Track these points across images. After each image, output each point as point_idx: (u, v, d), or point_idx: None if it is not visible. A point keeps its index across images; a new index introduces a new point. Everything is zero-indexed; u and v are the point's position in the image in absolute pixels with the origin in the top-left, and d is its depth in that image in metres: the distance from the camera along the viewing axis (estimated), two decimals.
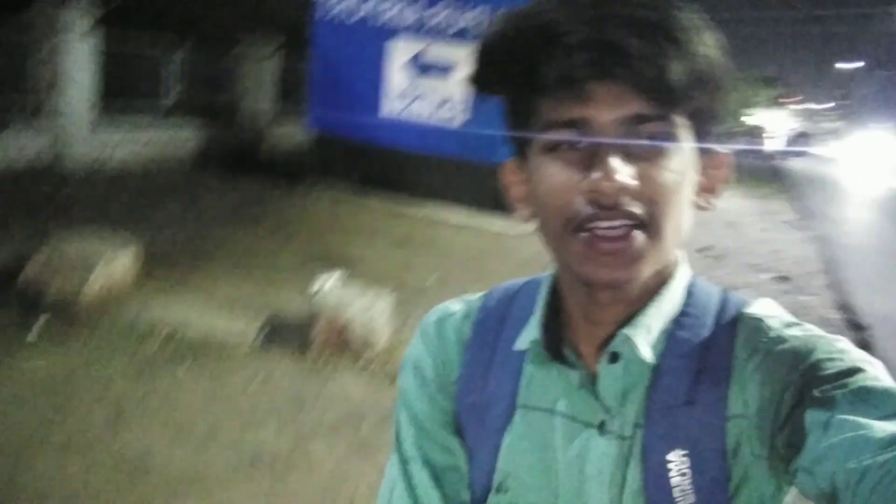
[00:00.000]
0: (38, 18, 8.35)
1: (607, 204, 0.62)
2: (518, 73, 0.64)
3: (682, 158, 0.65)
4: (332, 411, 3.71)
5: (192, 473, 3.08)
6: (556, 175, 0.65)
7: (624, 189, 0.62)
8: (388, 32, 9.20)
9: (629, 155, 0.63)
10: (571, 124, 0.63)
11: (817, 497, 0.57)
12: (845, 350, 0.64)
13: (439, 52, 9.00)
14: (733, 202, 14.76)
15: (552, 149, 0.65)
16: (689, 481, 0.66)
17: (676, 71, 0.61)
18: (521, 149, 0.70)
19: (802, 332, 0.67)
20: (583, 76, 0.61)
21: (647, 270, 0.65)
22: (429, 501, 0.78)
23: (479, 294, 0.85)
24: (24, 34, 8.28)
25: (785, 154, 29.96)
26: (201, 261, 5.89)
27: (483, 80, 0.68)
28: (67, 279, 4.53)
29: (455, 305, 0.84)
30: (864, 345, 6.19)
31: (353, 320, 4.21)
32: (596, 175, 0.61)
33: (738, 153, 32.38)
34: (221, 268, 5.79)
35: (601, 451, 0.70)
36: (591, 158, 0.62)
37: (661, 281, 0.70)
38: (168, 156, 10.11)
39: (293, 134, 12.40)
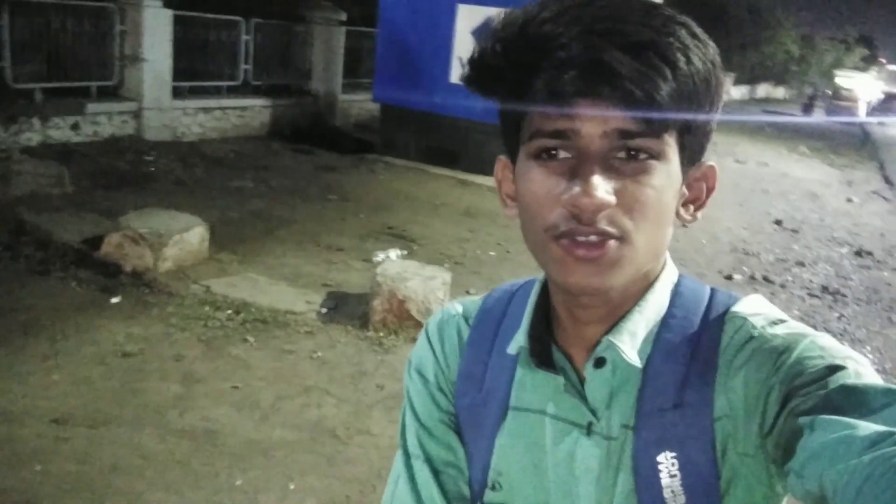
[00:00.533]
0: None
1: (584, 220, 0.63)
2: (509, 82, 0.65)
3: (665, 174, 0.65)
4: (391, 384, 3.79)
5: (256, 443, 3.21)
6: (539, 183, 0.65)
7: (603, 206, 0.62)
8: None
9: (611, 169, 0.63)
10: (558, 135, 0.64)
11: (805, 498, 0.57)
12: (826, 347, 0.64)
13: None
14: (817, 171, 14.09)
15: (537, 156, 0.66)
16: (678, 482, 0.67)
17: (666, 91, 0.60)
18: (511, 149, 0.71)
19: (786, 330, 0.67)
20: (570, 92, 0.61)
21: (621, 279, 0.66)
22: (429, 496, 0.80)
23: (479, 296, 0.87)
24: (108, 5, 8.55)
25: (875, 118, 28.27)
26: (269, 234, 6.06)
27: (477, 84, 0.68)
28: (143, 253, 4.74)
29: (457, 307, 0.86)
30: None
31: (411, 294, 4.26)
32: (576, 190, 0.62)
33: (829, 116, 30.83)
34: (288, 241, 5.94)
35: (588, 452, 0.72)
36: (574, 171, 0.63)
37: (644, 284, 0.71)
38: (242, 128, 10.37)
39: (361, 104, 12.50)
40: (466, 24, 9.09)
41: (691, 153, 0.68)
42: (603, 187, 0.62)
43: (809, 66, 42.24)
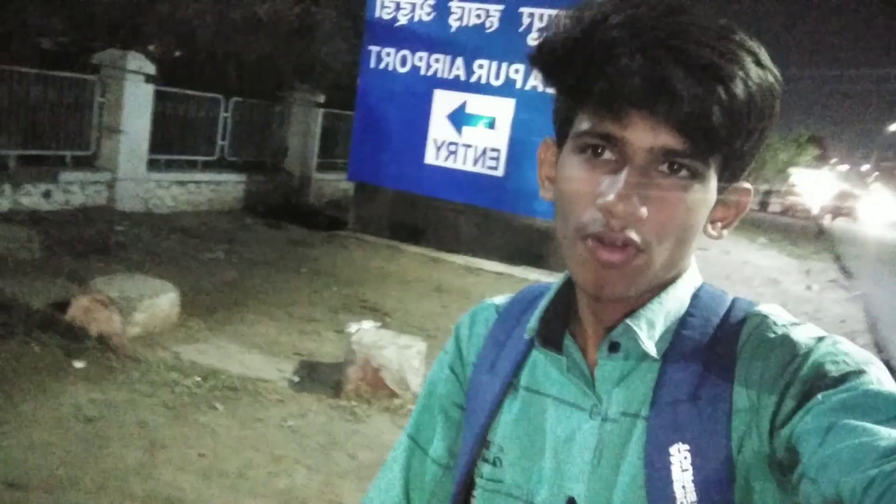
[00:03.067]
0: (106, 62, 8.74)
1: (614, 227, 0.64)
2: (571, 78, 0.66)
3: (701, 193, 0.66)
4: (364, 454, 3.69)
5: None
6: (579, 179, 0.67)
7: (634, 217, 0.63)
8: (434, 83, 9.43)
9: (651, 181, 0.64)
10: (606, 138, 0.65)
11: None
12: (848, 352, 0.63)
13: (481, 103, 9.17)
14: (776, 259, 14.51)
15: (583, 150, 0.67)
16: (690, 478, 0.65)
17: (719, 115, 0.61)
18: (560, 136, 0.72)
19: (805, 330, 0.68)
20: (627, 101, 0.62)
21: (638, 288, 0.68)
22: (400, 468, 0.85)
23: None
24: (90, 78, 8.65)
25: (829, 213, 29.44)
26: (241, 304, 5.99)
27: (541, 70, 0.69)
28: (110, 318, 4.65)
29: (495, 299, 0.89)
30: None
31: (386, 363, 4.22)
32: (612, 197, 0.63)
33: (783, 212, 31.95)
34: (260, 311, 5.88)
35: (587, 434, 0.72)
36: (615, 176, 0.64)
37: (666, 283, 0.72)
38: (216, 202, 10.40)
39: (335, 183, 12.67)
40: (443, 108, 9.40)
41: (731, 175, 0.69)
42: (638, 199, 0.63)
43: (765, 163, 44.09)
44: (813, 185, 38.31)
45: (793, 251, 16.37)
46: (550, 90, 0.71)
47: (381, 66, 9.85)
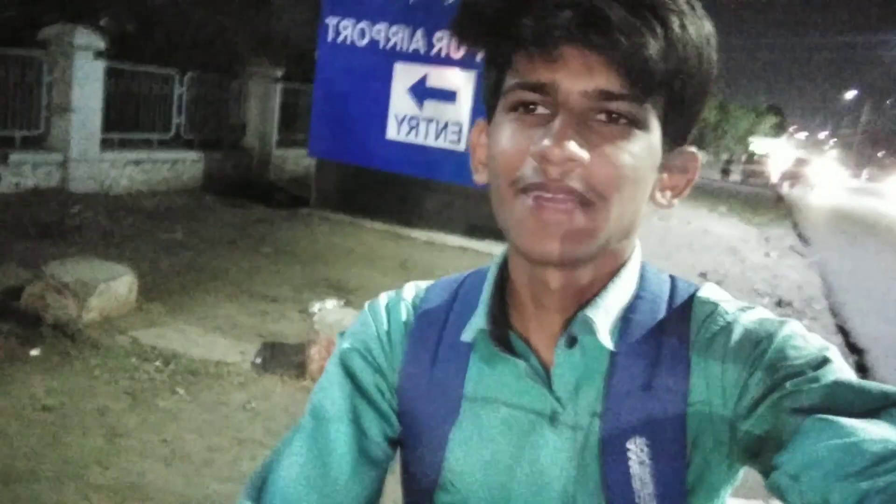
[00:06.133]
0: (53, 38, 8.43)
1: (553, 175, 0.59)
2: (495, 24, 0.61)
3: (644, 146, 0.61)
4: None
5: (187, 498, 3.05)
6: (511, 135, 0.62)
7: (572, 161, 0.59)
8: (394, 56, 9.31)
9: (589, 129, 0.60)
10: (539, 88, 0.61)
11: (796, 501, 0.54)
12: (806, 337, 0.63)
13: (442, 76, 9.09)
14: (736, 228, 14.77)
15: (514, 108, 0.63)
16: (648, 470, 0.64)
17: (656, 50, 0.58)
18: (490, 110, 0.67)
19: (758, 315, 0.66)
20: (557, 36, 0.58)
21: (588, 249, 0.62)
22: (339, 459, 0.70)
23: (429, 281, 0.82)
24: (38, 54, 8.35)
25: (787, 181, 30.02)
26: (201, 285, 5.90)
27: (463, 29, 0.65)
28: (65, 303, 4.54)
29: (403, 292, 0.80)
30: (862, 367, 6.18)
31: None
32: (546, 142, 0.58)
33: (744, 179, 32.45)
34: (221, 292, 5.80)
35: (555, 444, 0.67)
36: (548, 124, 0.60)
37: (613, 267, 0.68)
38: (173, 182, 10.19)
39: (296, 159, 12.49)
40: (403, 82, 9.29)
41: (675, 132, 0.64)
42: (576, 142, 0.59)
43: (725, 132, 44.73)
44: (772, 152, 38.99)
45: (752, 220, 16.68)
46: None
47: (340, 38, 9.67)
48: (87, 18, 9.18)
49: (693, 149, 0.69)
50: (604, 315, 0.66)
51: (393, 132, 9.38)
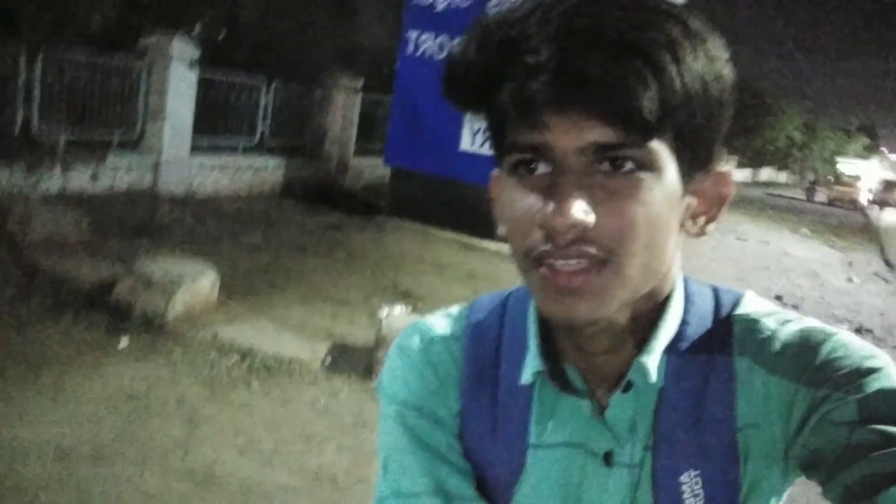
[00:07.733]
0: (151, 47, 8.98)
1: (561, 242, 0.56)
2: (477, 94, 0.59)
3: (657, 188, 0.57)
4: None
5: (256, 487, 3.23)
6: (517, 201, 0.59)
7: (579, 227, 0.55)
8: None
9: (594, 184, 0.56)
10: (533, 149, 0.57)
11: None
12: (849, 344, 0.61)
13: None
14: (818, 251, 14.25)
15: (515, 170, 0.60)
16: (702, 501, 0.64)
17: (648, 96, 0.53)
18: (499, 161, 0.64)
19: (800, 326, 0.64)
20: (539, 102, 0.54)
21: (609, 308, 0.59)
22: None
23: (457, 309, 0.77)
24: (137, 64, 8.90)
25: (875, 204, 28.65)
26: (277, 286, 6.16)
27: (448, 96, 0.62)
28: (153, 298, 4.84)
29: (437, 327, 0.75)
30: None
31: None
32: (549, 209, 0.56)
33: (831, 201, 31.15)
34: (295, 293, 6.04)
35: (614, 483, 0.66)
36: (550, 188, 0.57)
37: (654, 303, 0.65)
38: (255, 186, 10.62)
39: (371, 168, 12.81)
40: None
41: (693, 159, 0.60)
42: (580, 206, 0.55)
43: (812, 152, 43.06)
44: (861, 175, 37.29)
45: (835, 243, 16.04)
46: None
47: (419, 52, 9.91)
48: (182, 27, 9.68)
49: (724, 167, 0.63)
50: (655, 357, 0.64)
51: (467, 143, 9.53)
